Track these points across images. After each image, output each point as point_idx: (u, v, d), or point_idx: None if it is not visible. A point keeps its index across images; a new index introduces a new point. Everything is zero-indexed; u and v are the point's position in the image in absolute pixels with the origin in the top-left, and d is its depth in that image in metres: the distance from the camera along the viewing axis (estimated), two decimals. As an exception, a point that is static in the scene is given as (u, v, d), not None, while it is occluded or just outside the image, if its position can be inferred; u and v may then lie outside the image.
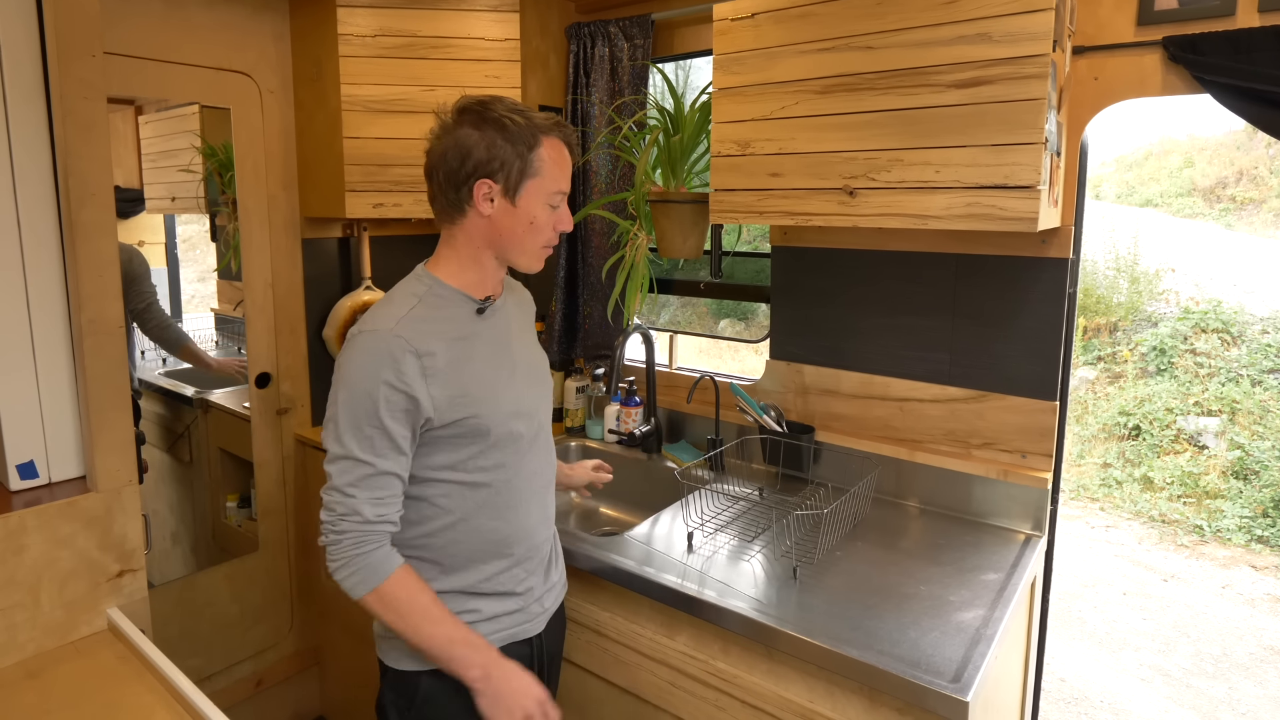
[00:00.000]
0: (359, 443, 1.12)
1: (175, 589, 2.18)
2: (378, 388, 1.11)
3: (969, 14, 1.29)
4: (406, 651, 1.24)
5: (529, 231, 1.21)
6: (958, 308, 1.70)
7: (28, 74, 1.28)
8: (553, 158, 1.19)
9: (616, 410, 2.17)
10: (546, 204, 1.20)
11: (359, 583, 1.13)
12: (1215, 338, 5.82)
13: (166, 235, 2.36)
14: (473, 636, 1.20)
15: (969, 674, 1.13)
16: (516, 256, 1.24)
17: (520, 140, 1.16)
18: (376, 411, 1.11)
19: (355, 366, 1.13)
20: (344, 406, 1.13)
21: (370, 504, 1.13)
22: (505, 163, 1.16)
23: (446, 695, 1.24)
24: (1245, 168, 7.67)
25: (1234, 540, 4.51)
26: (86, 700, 1.17)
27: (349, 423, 1.12)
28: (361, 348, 1.13)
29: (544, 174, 1.18)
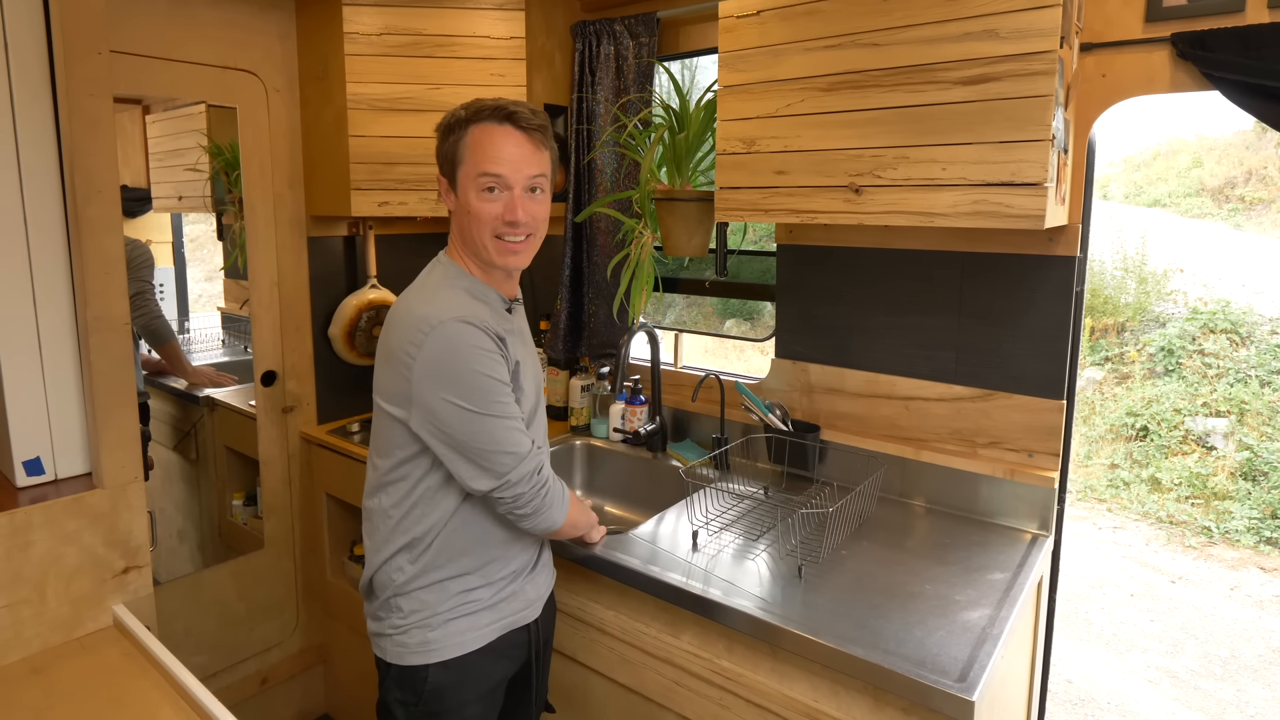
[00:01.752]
0: (500, 408, 1.18)
1: (181, 586, 2.19)
2: (491, 359, 1.17)
3: (976, 10, 1.28)
4: (411, 646, 1.25)
5: (471, 222, 1.21)
6: (964, 306, 1.69)
7: (34, 72, 1.29)
8: (477, 141, 1.19)
9: (621, 409, 2.17)
10: (477, 189, 1.20)
11: (560, 519, 1.29)
12: (1224, 338, 5.78)
13: (173, 234, 2.37)
14: (579, 506, 1.41)
15: (975, 674, 1.13)
16: (478, 250, 1.24)
17: (453, 130, 1.20)
18: (491, 371, 1.17)
19: (458, 346, 1.15)
20: (463, 380, 1.15)
21: (537, 449, 1.26)
22: (445, 157, 1.22)
23: (453, 685, 1.26)
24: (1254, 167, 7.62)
25: (1242, 542, 4.49)
26: (91, 696, 1.17)
27: (474, 388, 1.15)
28: (455, 332, 1.15)
29: (467, 158, 1.19)
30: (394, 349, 1.19)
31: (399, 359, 1.18)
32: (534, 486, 1.23)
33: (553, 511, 1.27)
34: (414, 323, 1.17)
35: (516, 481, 1.20)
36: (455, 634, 1.26)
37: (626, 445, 2.16)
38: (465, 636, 1.27)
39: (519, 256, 1.25)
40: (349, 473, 2.22)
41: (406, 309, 1.21)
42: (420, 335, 1.15)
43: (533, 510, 1.24)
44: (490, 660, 1.30)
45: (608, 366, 2.29)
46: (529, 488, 1.22)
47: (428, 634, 1.25)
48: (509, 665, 1.35)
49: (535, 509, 1.24)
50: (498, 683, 1.34)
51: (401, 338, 1.18)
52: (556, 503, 1.28)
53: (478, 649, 1.28)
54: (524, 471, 1.21)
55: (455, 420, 1.16)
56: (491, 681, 1.32)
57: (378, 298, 2.38)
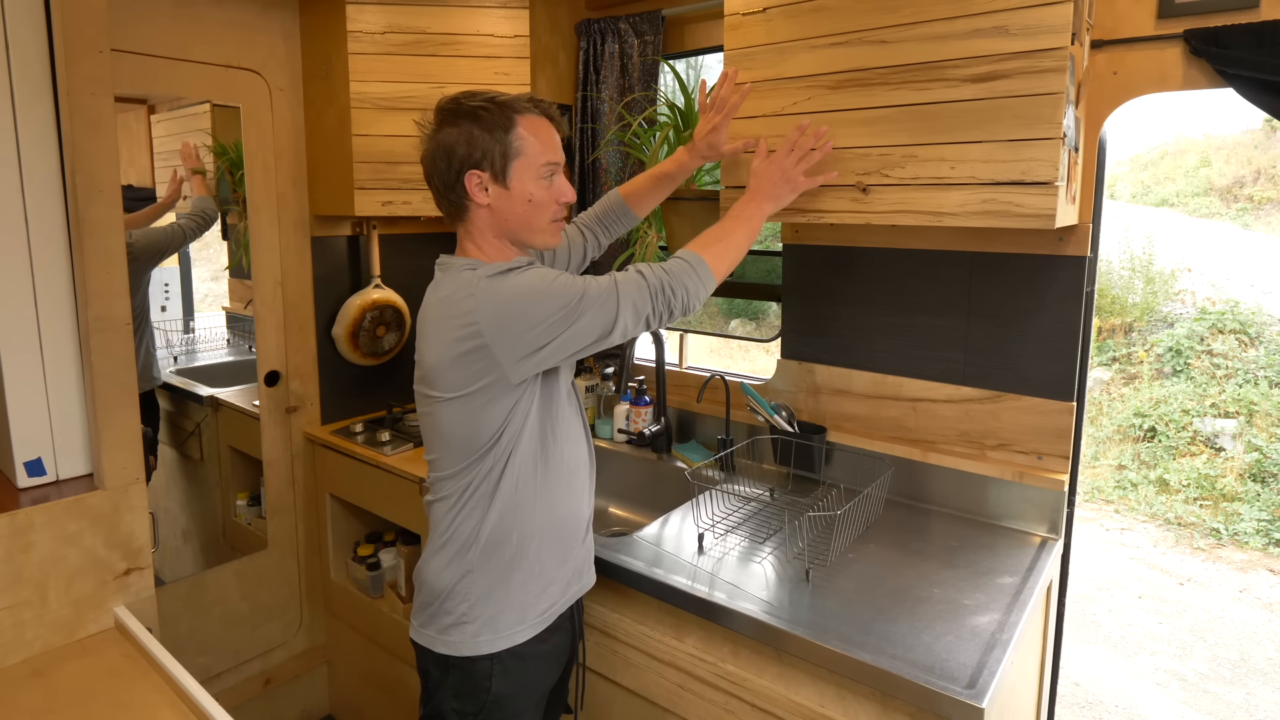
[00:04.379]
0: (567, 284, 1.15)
1: (185, 586, 2.18)
2: (533, 272, 1.16)
3: (985, 7, 1.26)
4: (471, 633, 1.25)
5: (531, 210, 1.22)
6: (972, 306, 1.68)
7: (35, 71, 1.28)
8: (532, 133, 1.20)
9: (626, 410, 2.16)
10: (539, 178, 1.21)
11: (706, 275, 1.25)
12: (1232, 338, 5.74)
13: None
14: (736, 205, 1.37)
15: (984, 680, 1.11)
16: (529, 236, 1.25)
17: (496, 125, 1.18)
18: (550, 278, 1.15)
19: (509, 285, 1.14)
20: (547, 299, 1.14)
21: (621, 274, 1.21)
22: (487, 150, 1.18)
23: (512, 694, 1.28)
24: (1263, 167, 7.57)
25: (1251, 544, 4.45)
26: (92, 699, 1.17)
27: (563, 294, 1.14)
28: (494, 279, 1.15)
29: (527, 151, 1.20)
30: (446, 338, 1.16)
31: (462, 340, 1.15)
32: (654, 295, 1.20)
33: (691, 289, 1.23)
34: (452, 304, 1.16)
35: (634, 311, 1.19)
36: (509, 626, 1.27)
37: (631, 446, 2.15)
38: (522, 629, 1.28)
39: (561, 235, 1.30)
40: (352, 473, 2.22)
41: (435, 305, 1.20)
42: (469, 303, 1.14)
43: (676, 308, 1.22)
44: (545, 665, 1.32)
45: (612, 367, 2.27)
46: (651, 301, 1.20)
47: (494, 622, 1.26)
48: (555, 670, 1.37)
49: (677, 306, 1.22)
50: (547, 689, 1.36)
51: (450, 324, 1.16)
52: (689, 276, 1.23)
53: (533, 641, 1.29)
54: (631, 296, 1.18)
55: (554, 335, 1.15)
56: (544, 687, 1.34)
57: (381, 298, 2.37)
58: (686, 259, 1.24)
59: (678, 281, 1.22)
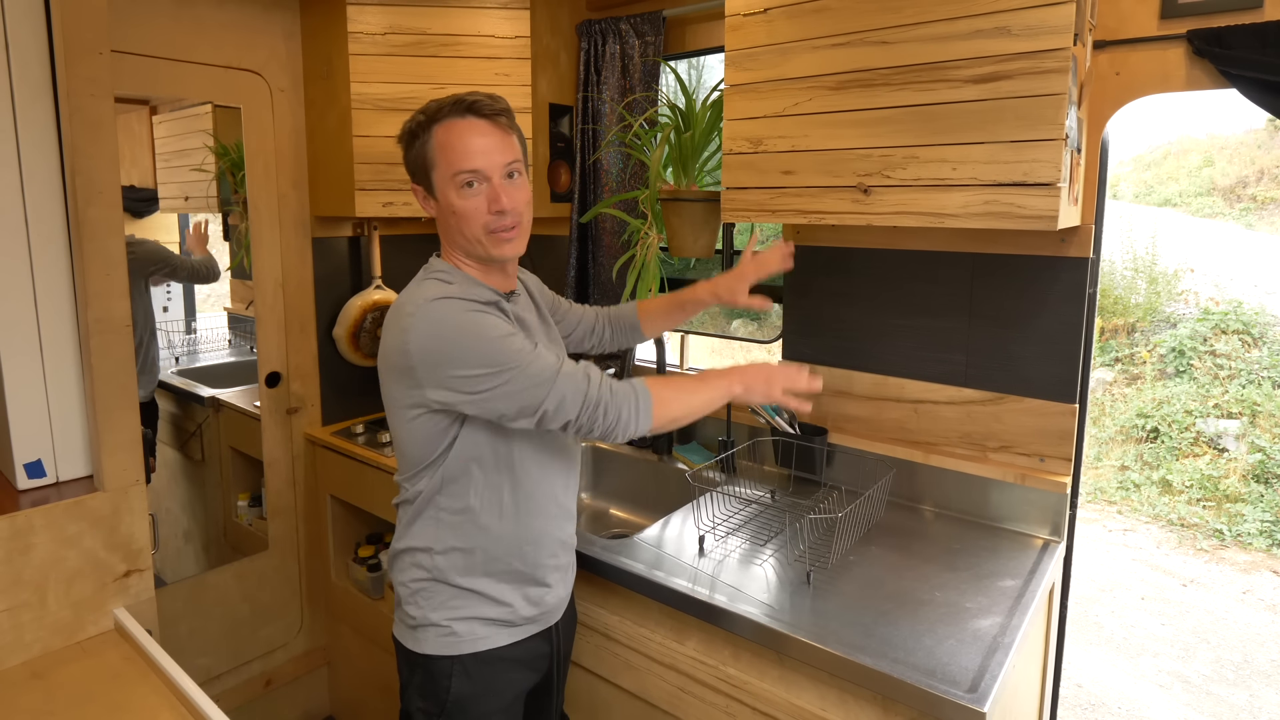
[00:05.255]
0: (510, 358, 1.10)
1: (185, 588, 2.18)
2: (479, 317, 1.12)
3: (987, 7, 1.26)
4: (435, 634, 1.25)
5: (459, 222, 1.18)
6: (974, 308, 1.67)
7: (35, 72, 1.28)
8: (444, 141, 1.17)
9: (627, 411, 2.15)
10: (456, 188, 1.17)
11: (647, 409, 1.16)
12: (1236, 339, 5.73)
13: (180, 235, 2.36)
14: (713, 371, 1.29)
15: (986, 683, 1.11)
16: (472, 246, 1.21)
17: (417, 137, 1.19)
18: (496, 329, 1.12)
19: (448, 320, 1.11)
20: (476, 351, 1.10)
21: (570, 366, 1.14)
22: (415, 164, 1.20)
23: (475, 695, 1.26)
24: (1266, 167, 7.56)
25: (1255, 545, 4.44)
26: (91, 701, 1.17)
27: (492, 354, 1.10)
28: (441, 307, 1.12)
29: (439, 160, 1.17)
30: (388, 349, 1.17)
31: (396, 355, 1.15)
32: (587, 405, 1.13)
33: (626, 419, 1.15)
34: (400, 316, 1.15)
35: (557, 408, 1.13)
36: (471, 632, 1.25)
37: (632, 448, 2.15)
38: (486, 634, 1.26)
39: (514, 244, 1.21)
40: (353, 474, 2.21)
41: (394, 309, 1.19)
42: (408, 320, 1.12)
43: (604, 431, 1.15)
44: (513, 669, 1.30)
45: (613, 368, 2.27)
46: (579, 409, 1.13)
47: (455, 626, 1.25)
48: (531, 676, 1.34)
49: (605, 429, 1.15)
50: (519, 693, 1.33)
51: (392, 335, 1.16)
52: (627, 406, 1.15)
53: (499, 648, 1.27)
54: (563, 393, 1.12)
55: (472, 389, 1.11)
56: (514, 691, 1.31)
57: (382, 298, 2.37)
58: (637, 392, 1.17)
59: (615, 409, 1.14)
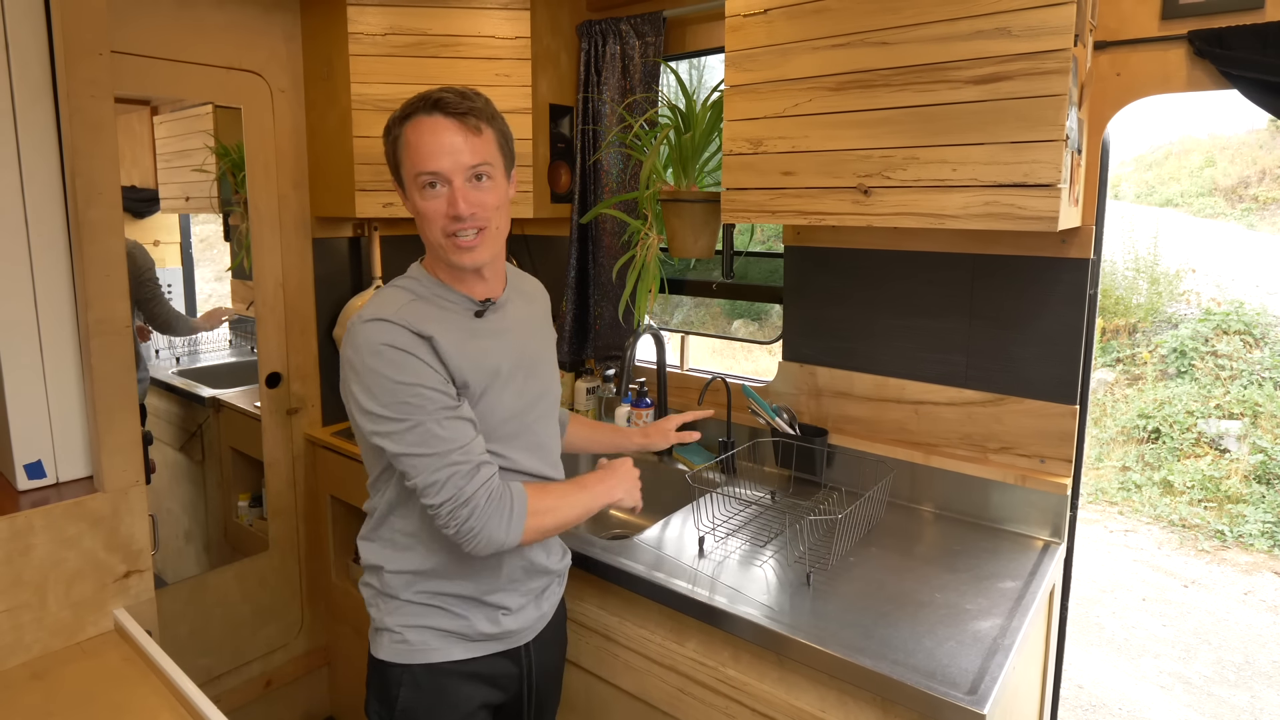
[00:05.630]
0: (410, 412, 1.08)
1: (186, 588, 2.18)
2: (401, 358, 1.08)
3: (987, 8, 1.26)
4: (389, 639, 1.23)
5: (422, 223, 1.16)
6: (975, 309, 1.67)
7: (36, 73, 1.28)
8: (410, 140, 1.12)
9: (627, 411, 2.15)
10: (417, 189, 1.13)
11: (516, 526, 1.12)
12: (1237, 339, 5.72)
13: (181, 235, 2.36)
14: (586, 480, 1.28)
15: (986, 685, 1.10)
16: (435, 250, 1.18)
17: (390, 135, 1.15)
18: (411, 377, 1.08)
19: (368, 349, 1.09)
20: (379, 392, 1.08)
21: (462, 455, 1.09)
22: (390, 162, 1.17)
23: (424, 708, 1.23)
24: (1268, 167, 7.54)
25: (1256, 546, 4.43)
26: (91, 702, 1.17)
27: (391, 404, 1.08)
28: (367, 332, 1.10)
29: (404, 159, 1.14)
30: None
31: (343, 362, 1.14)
32: (454, 501, 1.08)
33: (490, 531, 1.10)
34: (350, 324, 1.14)
35: (426, 487, 1.09)
36: (424, 643, 1.22)
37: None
38: (438, 646, 1.22)
39: (474, 253, 1.15)
40: (353, 475, 2.21)
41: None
42: (348, 332, 1.12)
43: (462, 532, 1.09)
44: (469, 684, 1.24)
45: (613, 369, 2.27)
46: (444, 501, 1.08)
47: (407, 634, 1.22)
48: (493, 693, 1.28)
49: (464, 531, 1.09)
50: (478, 708, 1.26)
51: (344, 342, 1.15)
52: (498, 519, 1.10)
53: (453, 662, 1.22)
54: (438, 477, 1.08)
55: (364, 424, 1.11)
56: (471, 705, 1.25)
57: (383, 299, 2.36)
58: (513, 508, 1.12)
59: (483, 518, 1.09)
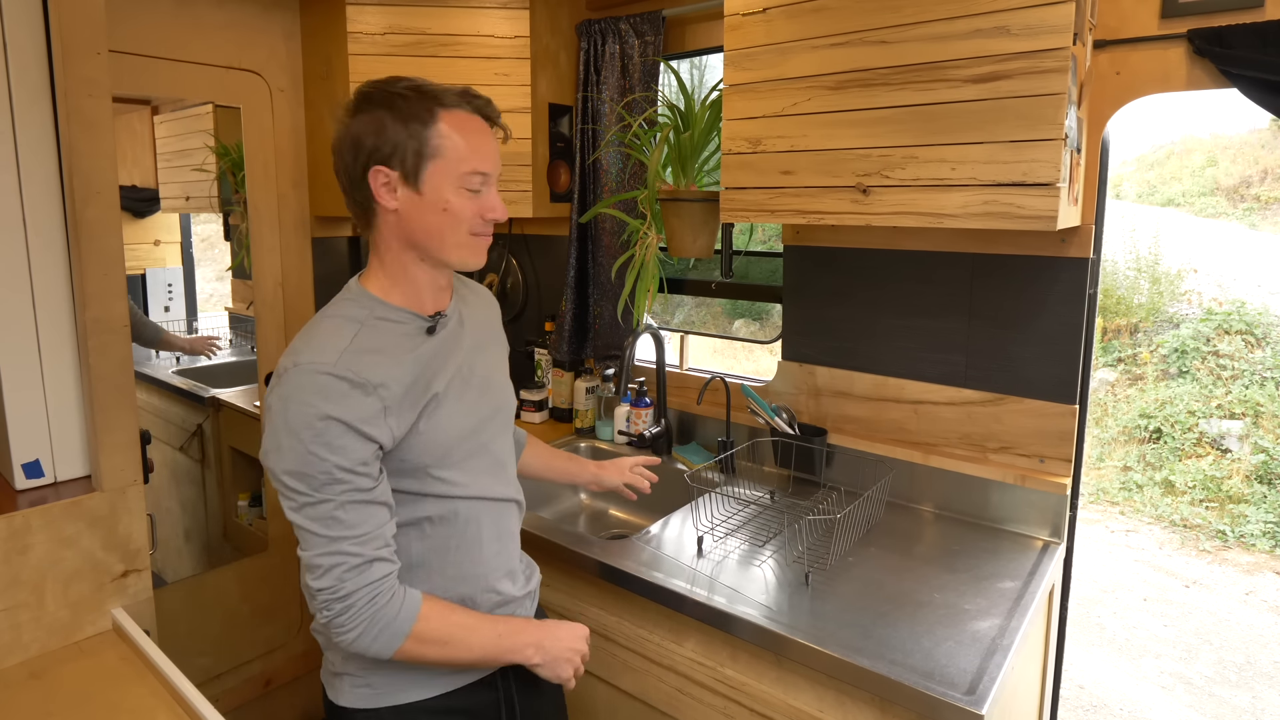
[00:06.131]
0: (318, 488, 0.97)
1: (186, 587, 2.18)
2: (328, 427, 0.96)
3: (986, 7, 1.25)
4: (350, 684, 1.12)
5: (445, 220, 1.04)
6: (974, 308, 1.67)
7: (33, 72, 1.28)
8: (458, 132, 1.03)
9: (626, 411, 2.15)
10: (460, 187, 1.04)
11: (389, 641, 1.01)
12: (1239, 339, 5.71)
13: (182, 235, 2.36)
14: (511, 624, 1.13)
15: (984, 686, 1.10)
16: (442, 250, 1.07)
17: (412, 116, 1.00)
18: (330, 454, 0.97)
19: (296, 406, 0.96)
20: (291, 456, 0.97)
21: (357, 546, 0.99)
22: (398, 145, 1.00)
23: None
24: (1270, 166, 7.54)
25: (1258, 546, 4.43)
26: (88, 701, 1.16)
27: (299, 473, 0.97)
28: (301, 385, 0.97)
29: (447, 153, 1.02)
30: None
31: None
32: (334, 593, 0.99)
33: (359, 638, 1.00)
34: (287, 353, 1.02)
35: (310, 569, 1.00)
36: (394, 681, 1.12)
37: (631, 448, 2.15)
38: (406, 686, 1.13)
39: (485, 253, 1.11)
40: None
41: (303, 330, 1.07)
42: (280, 370, 0.99)
43: (332, 625, 1.00)
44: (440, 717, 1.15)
45: (613, 368, 2.27)
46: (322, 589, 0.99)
47: (370, 677, 1.12)
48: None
49: (334, 625, 1.00)
50: None
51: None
52: (373, 629, 1.00)
53: (424, 700, 1.13)
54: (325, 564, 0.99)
55: (273, 480, 1.00)
56: None
57: (382, 299, 2.36)
58: (395, 621, 1.01)
59: (357, 621, 0.99)
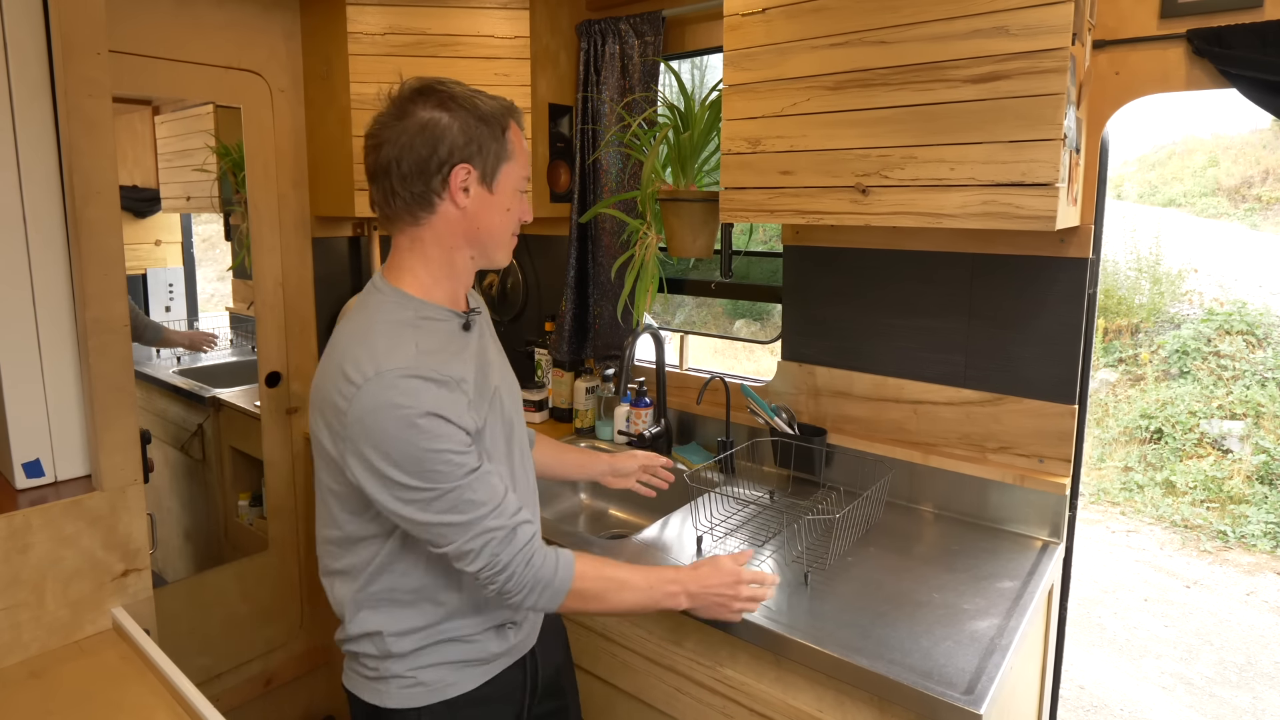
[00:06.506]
0: (439, 479, 1.00)
1: (186, 587, 2.19)
2: (430, 422, 0.98)
3: (986, 7, 1.25)
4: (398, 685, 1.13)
5: (506, 221, 1.13)
6: (973, 308, 1.67)
7: (33, 72, 1.28)
8: (519, 141, 1.13)
9: (626, 411, 2.15)
10: (516, 190, 1.13)
11: (553, 598, 1.08)
12: (1240, 339, 5.71)
13: (183, 235, 2.37)
14: (661, 574, 1.19)
15: (983, 685, 1.10)
16: (494, 249, 1.14)
17: (495, 121, 1.08)
18: (441, 444, 0.99)
19: (390, 411, 0.97)
20: (404, 459, 0.98)
21: (496, 519, 1.03)
22: (483, 146, 1.06)
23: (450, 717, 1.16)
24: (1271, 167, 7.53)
25: (1259, 546, 4.42)
26: (88, 700, 1.17)
27: (419, 472, 0.99)
28: (389, 390, 0.98)
29: (517, 157, 1.12)
30: (324, 392, 1.03)
31: (330, 410, 1.02)
32: (493, 566, 1.04)
33: (526, 599, 1.07)
34: (346, 369, 1.00)
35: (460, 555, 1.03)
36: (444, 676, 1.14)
37: (631, 448, 2.15)
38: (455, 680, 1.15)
39: None
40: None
41: (335, 352, 1.05)
42: (355, 388, 0.98)
43: (502, 594, 1.06)
44: (485, 710, 1.19)
45: (613, 368, 2.27)
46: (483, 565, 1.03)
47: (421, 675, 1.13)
48: (505, 710, 1.22)
49: (503, 594, 1.06)
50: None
51: (332, 384, 1.01)
52: (536, 589, 1.07)
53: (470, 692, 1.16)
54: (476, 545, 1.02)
55: (378, 493, 1.01)
56: None
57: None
58: (554, 578, 1.08)
59: (520, 585, 1.05)
